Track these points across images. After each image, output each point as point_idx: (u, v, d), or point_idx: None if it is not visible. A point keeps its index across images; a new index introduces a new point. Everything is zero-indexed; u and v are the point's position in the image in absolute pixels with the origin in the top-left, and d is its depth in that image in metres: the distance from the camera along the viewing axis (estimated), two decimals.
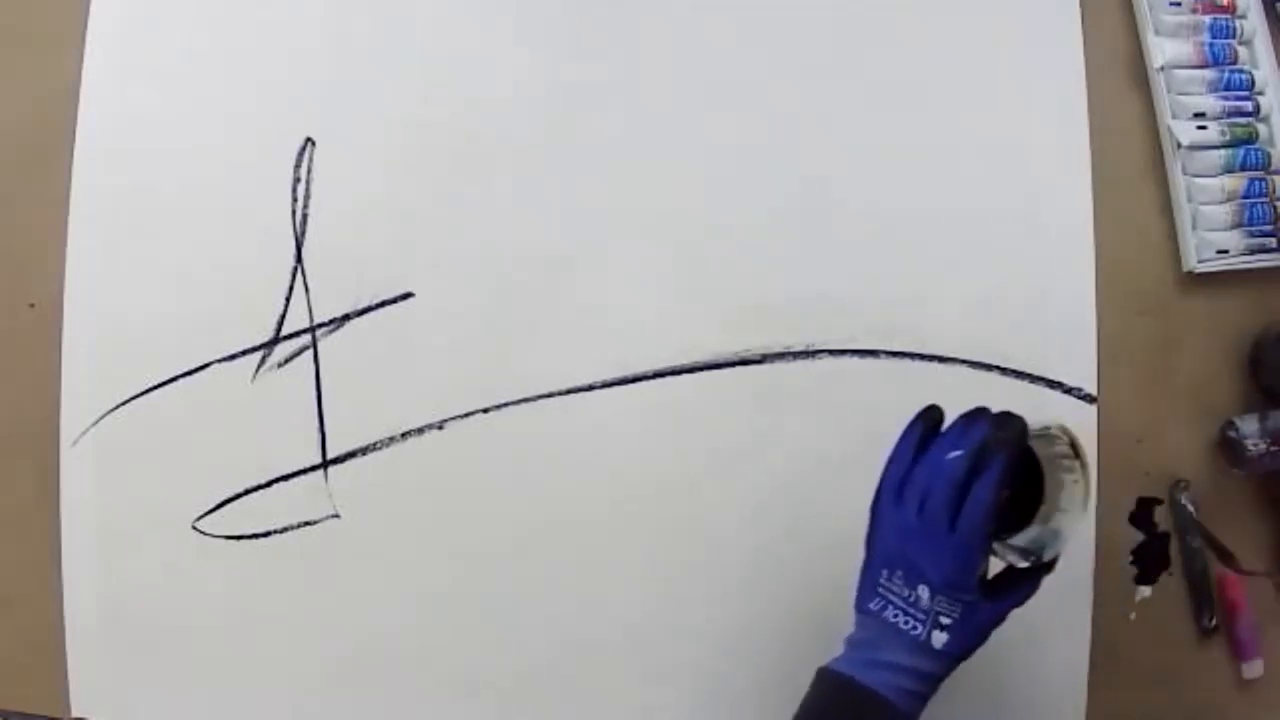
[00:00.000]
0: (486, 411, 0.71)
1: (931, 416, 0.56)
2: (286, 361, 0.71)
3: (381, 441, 0.70)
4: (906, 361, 0.72)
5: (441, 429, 0.71)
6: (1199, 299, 0.75)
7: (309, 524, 0.71)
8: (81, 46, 0.71)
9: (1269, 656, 0.75)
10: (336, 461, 0.70)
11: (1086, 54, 0.74)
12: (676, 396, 0.71)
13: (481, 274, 0.71)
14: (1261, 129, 0.75)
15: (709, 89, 0.73)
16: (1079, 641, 0.72)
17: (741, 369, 0.71)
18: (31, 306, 0.71)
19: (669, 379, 0.71)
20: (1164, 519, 0.75)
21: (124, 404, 0.70)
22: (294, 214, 0.71)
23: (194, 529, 0.70)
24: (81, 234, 0.71)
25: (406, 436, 0.70)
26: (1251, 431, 0.72)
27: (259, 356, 0.71)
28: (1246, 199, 0.74)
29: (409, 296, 0.71)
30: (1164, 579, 0.75)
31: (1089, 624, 0.72)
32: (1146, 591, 0.74)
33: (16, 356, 0.71)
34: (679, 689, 0.71)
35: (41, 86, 0.72)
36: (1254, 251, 0.74)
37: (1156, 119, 0.75)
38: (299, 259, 0.71)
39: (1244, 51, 0.75)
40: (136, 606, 0.71)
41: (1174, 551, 0.75)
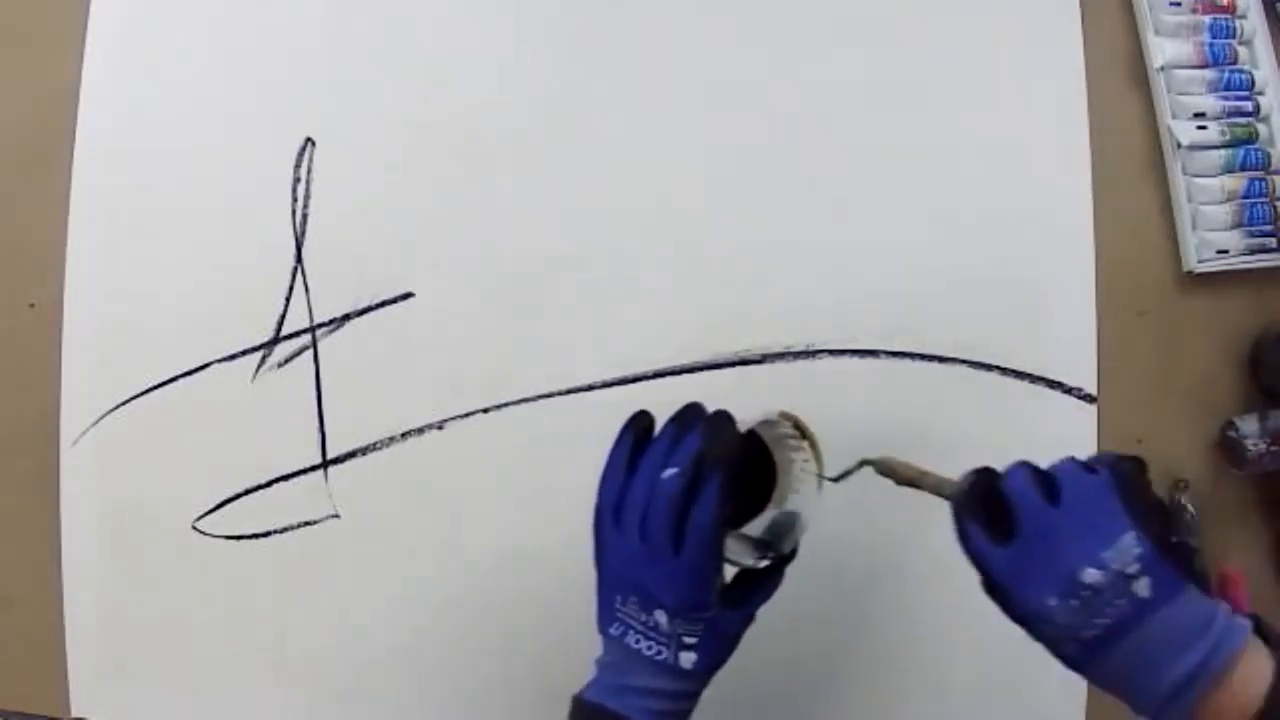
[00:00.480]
0: (486, 411, 0.71)
1: (640, 424, 0.53)
2: (286, 361, 0.71)
3: (381, 441, 0.70)
4: (906, 361, 0.72)
5: (441, 429, 0.71)
6: (1199, 299, 0.75)
7: (309, 524, 0.71)
8: (81, 46, 0.71)
9: None
10: (336, 461, 0.70)
11: (1086, 54, 0.74)
12: (676, 396, 0.71)
13: (481, 274, 0.71)
14: (1261, 129, 0.75)
15: (709, 89, 0.73)
16: None
17: (741, 369, 0.71)
18: (31, 306, 0.71)
19: (669, 379, 0.71)
20: None
21: (124, 404, 0.70)
22: (294, 214, 0.71)
23: (194, 529, 0.70)
24: (81, 234, 0.71)
25: (406, 436, 0.70)
26: (1251, 431, 0.72)
27: (259, 356, 0.71)
28: (1246, 199, 0.74)
29: (409, 296, 0.71)
30: None
31: None
32: None
33: (16, 356, 0.71)
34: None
35: (41, 86, 0.72)
36: (1254, 251, 0.74)
37: (1156, 119, 0.75)
38: (299, 259, 0.71)
39: (1244, 51, 0.75)
40: (136, 606, 0.70)
41: None
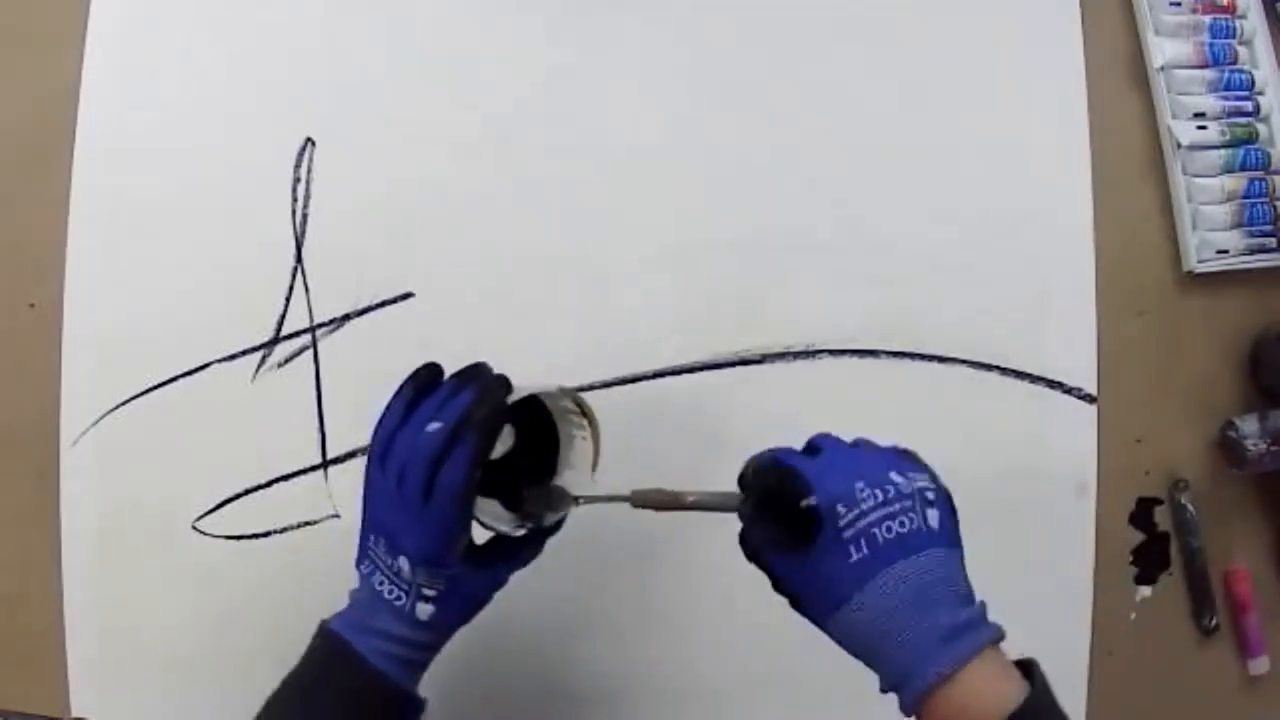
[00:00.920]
0: None
1: (423, 375, 0.54)
2: (286, 361, 0.71)
3: None
4: (906, 361, 0.72)
5: None
6: (1199, 299, 0.75)
7: (309, 524, 0.71)
8: (81, 46, 0.71)
9: (1275, 654, 0.75)
10: (336, 461, 0.70)
11: (1086, 54, 0.74)
12: (676, 396, 0.71)
13: (481, 274, 0.71)
14: (1261, 129, 0.75)
15: (709, 89, 0.73)
16: (1079, 641, 0.72)
17: (741, 369, 0.71)
18: (31, 306, 0.71)
19: (669, 379, 0.71)
20: (1164, 519, 0.75)
21: (124, 404, 0.70)
22: (294, 214, 0.71)
23: (194, 529, 0.70)
24: (81, 234, 0.71)
25: None
26: (1251, 431, 0.72)
27: (259, 356, 0.71)
28: (1246, 199, 0.74)
29: (409, 296, 0.71)
30: (1164, 579, 0.75)
31: (1089, 624, 0.72)
32: (1146, 591, 0.74)
33: (16, 356, 0.71)
34: (683, 688, 0.71)
35: (41, 86, 0.72)
36: (1254, 251, 0.74)
37: (1156, 119, 0.75)
38: (299, 259, 0.71)
39: (1244, 51, 0.76)
40: (136, 606, 0.70)
41: (1174, 551, 0.75)
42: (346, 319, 0.71)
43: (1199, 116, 0.74)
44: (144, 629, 0.71)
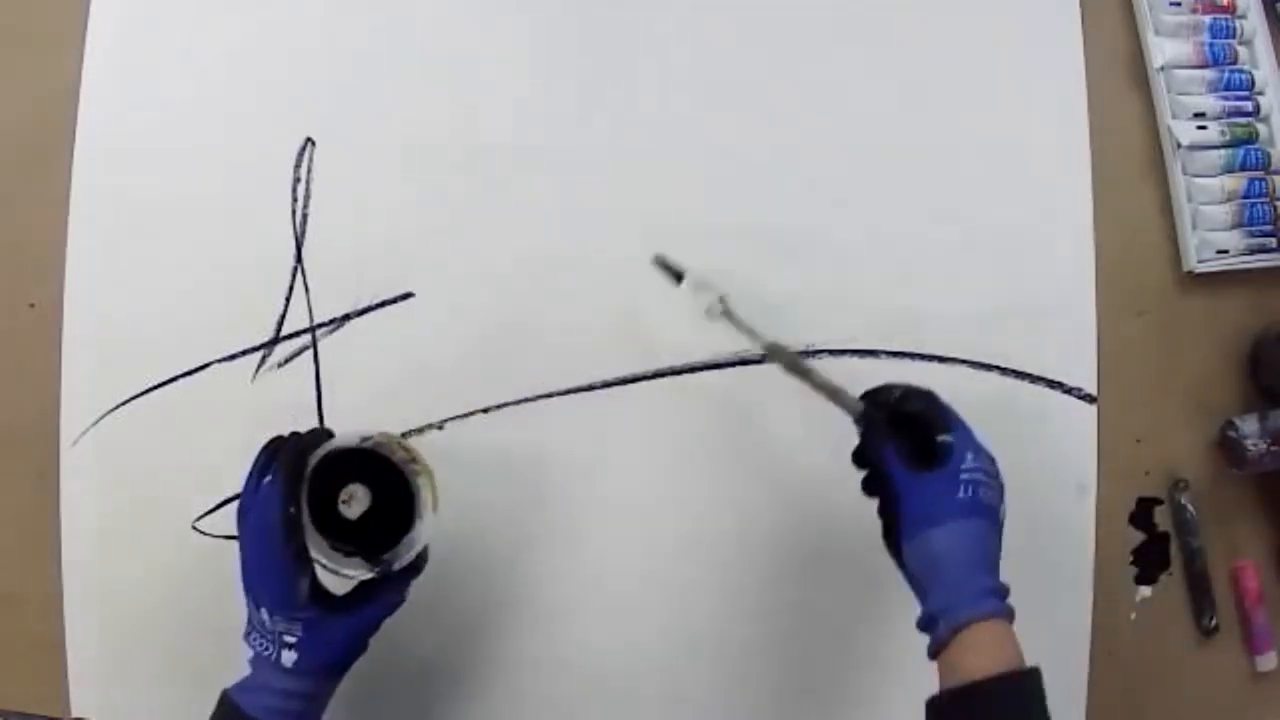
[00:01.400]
0: (486, 411, 0.71)
1: (274, 445, 0.59)
2: (286, 361, 0.71)
3: None
4: (906, 361, 0.72)
5: (441, 429, 0.71)
6: (1199, 299, 0.75)
7: None
8: (81, 46, 0.71)
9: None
10: None
11: (1086, 54, 0.74)
12: (676, 396, 0.71)
13: (481, 274, 0.71)
14: (1261, 129, 0.75)
15: (709, 89, 0.73)
16: (1079, 641, 0.72)
17: (741, 369, 0.71)
18: (31, 306, 0.71)
19: (669, 379, 0.71)
20: (1164, 519, 0.75)
21: (124, 404, 0.70)
22: (294, 214, 0.71)
23: (194, 529, 0.70)
24: (81, 234, 0.71)
25: (407, 436, 0.70)
26: (1251, 431, 0.72)
27: (259, 356, 0.71)
28: (1246, 199, 0.74)
29: (409, 296, 0.71)
30: (1164, 579, 0.75)
31: (1089, 624, 0.72)
32: (1146, 591, 0.74)
33: (16, 356, 0.71)
34: (683, 684, 0.71)
35: (41, 86, 0.72)
36: (1254, 251, 0.74)
37: (1156, 119, 0.75)
38: (299, 259, 0.71)
39: (1244, 51, 0.76)
40: (136, 606, 0.70)
41: (1174, 551, 0.75)
42: (346, 319, 0.71)
43: (1199, 116, 0.74)
44: (144, 629, 0.71)
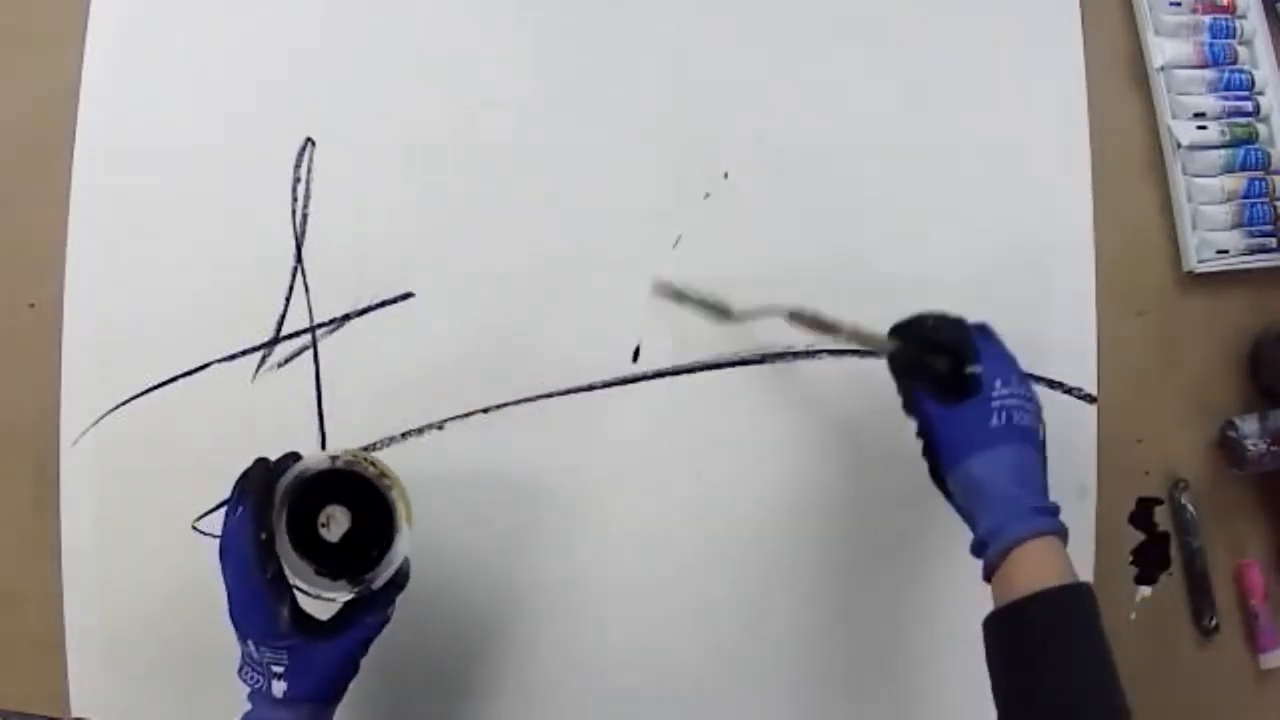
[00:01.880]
0: (486, 411, 0.71)
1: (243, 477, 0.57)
2: (286, 361, 0.71)
3: (381, 441, 0.70)
4: None
5: (441, 429, 0.71)
6: (1199, 299, 0.75)
7: None
8: (81, 46, 0.71)
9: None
10: None
11: (1086, 54, 0.74)
12: (676, 396, 0.71)
13: (481, 274, 0.71)
14: (1261, 129, 0.75)
15: (709, 89, 0.73)
16: None
17: (741, 369, 0.71)
18: (31, 306, 0.71)
19: (669, 379, 0.71)
20: (1164, 519, 0.75)
21: (124, 404, 0.70)
22: (294, 214, 0.71)
23: (194, 529, 0.70)
24: (81, 234, 0.71)
25: (406, 436, 0.70)
26: (1251, 431, 0.72)
27: (259, 356, 0.71)
28: (1246, 199, 0.74)
29: (409, 296, 0.71)
30: (1164, 579, 0.75)
31: None
32: (1146, 591, 0.74)
33: (16, 356, 0.71)
34: (680, 684, 0.71)
35: (41, 86, 0.72)
36: (1254, 251, 0.74)
37: (1156, 119, 0.75)
38: (299, 259, 0.71)
39: (1244, 51, 0.76)
40: (136, 606, 0.70)
41: (1174, 551, 0.75)
42: (346, 319, 0.71)
43: (1199, 116, 0.74)
44: (144, 629, 0.71)
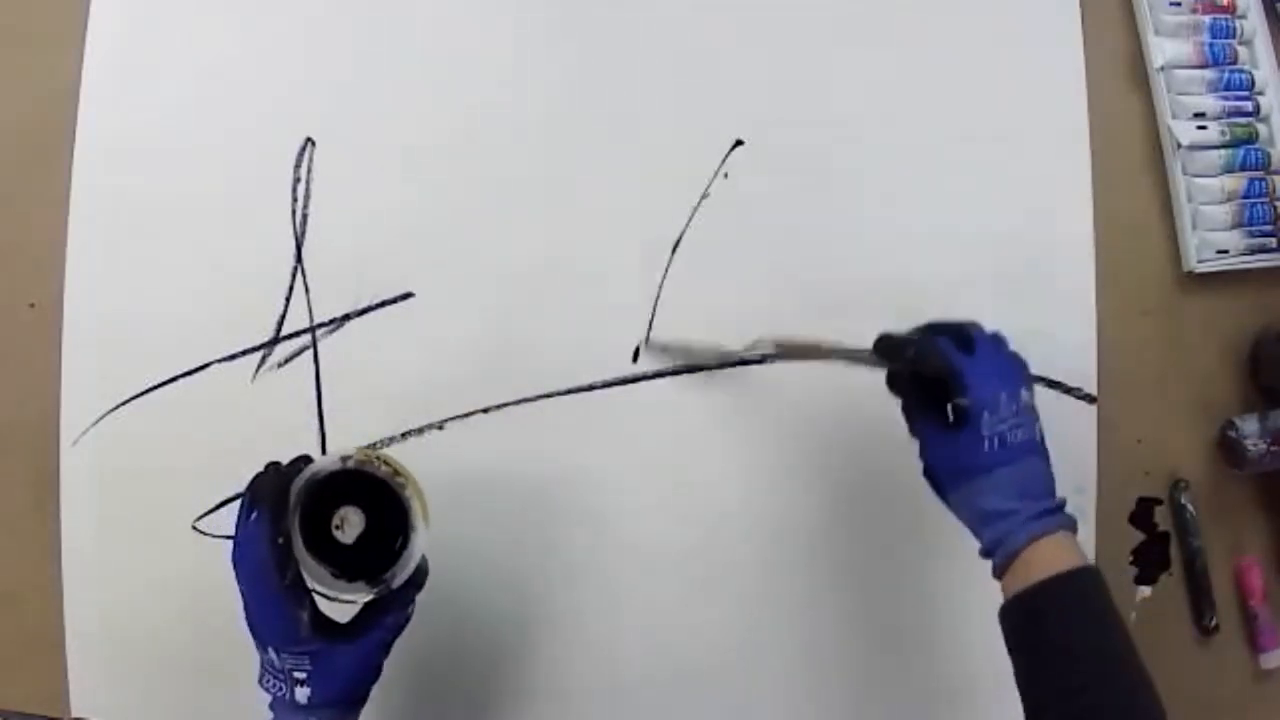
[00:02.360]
0: (486, 411, 0.71)
1: (254, 483, 0.56)
2: (286, 361, 0.71)
3: (381, 441, 0.70)
4: None
5: (441, 429, 0.71)
6: (1199, 299, 0.75)
7: None
8: (81, 46, 0.71)
9: None
10: None
11: (1086, 54, 0.74)
12: (676, 397, 0.71)
13: (481, 274, 0.71)
14: (1261, 129, 0.75)
15: (709, 89, 0.73)
16: None
17: (742, 369, 0.71)
18: (31, 306, 0.71)
19: (669, 379, 0.71)
20: (1164, 519, 0.75)
21: (124, 404, 0.70)
22: (294, 214, 0.71)
23: (194, 529, 0.70)
24: (81, 234, 0.71)
25: (406, 436, 0.70)
26: (1251, 431, 0.72)
27: (259, 356, 0.71)
28: (1246, 199, 0.74)
29: (409, 296, 0.71)
30: (1164, 579, 0.75)
31: None
32: (1146, 591, 0.74)
33: (16, 356, 0.71)
34: (682, 678, 0.71)
35: (41, 86, 0.72)
36: (1254, 251, 0.74)
37: (1156, 119, 0.75)
38: (299, 259, 0.71)
39: (1244, 51, 0.75)
40: (136, 606, 0.70)
41: (1174, 551, 0.75)
42: (346, 319, 0.71)
43: (1199, 116, 0.74)
44: (144, 629, 0.71)
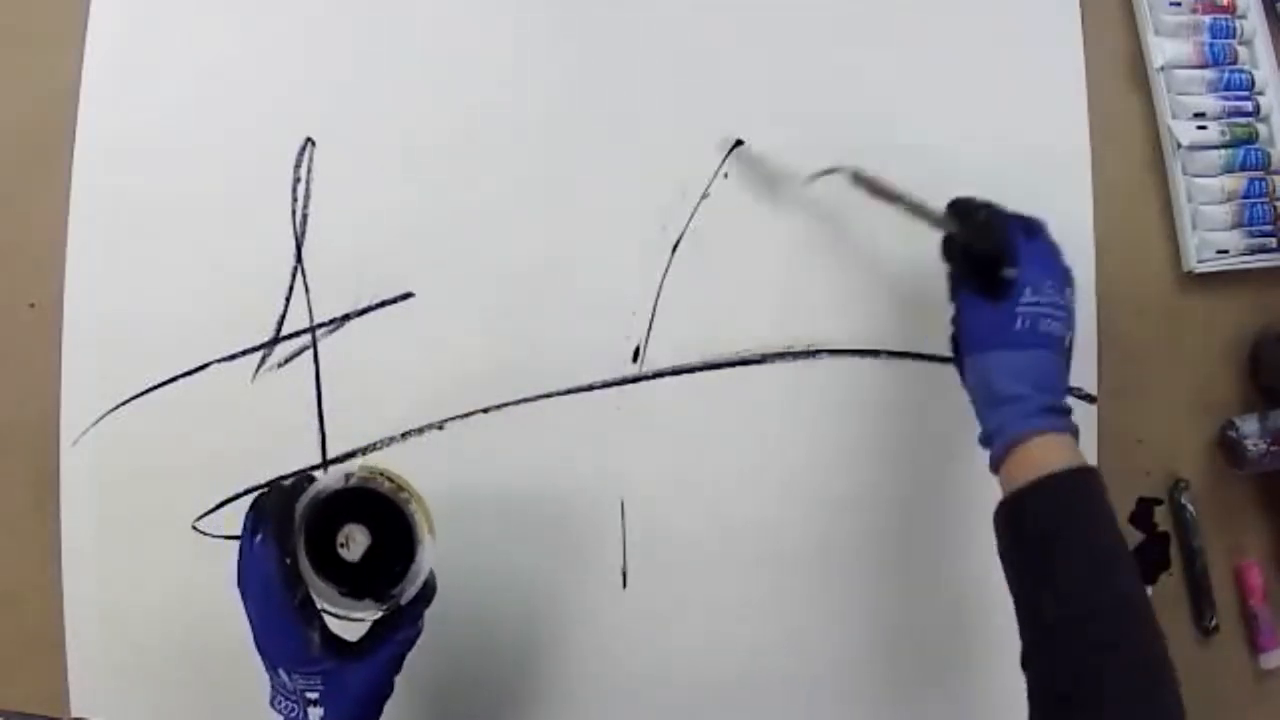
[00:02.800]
0: (486, 411, 0.71)
1: (257, 503, 0.56)
2: (286, 361, 0.71)
3: (381, 441, 0.70)
4: (907, 361, 0.72)
5: (441, 429, 0.71)
6: (1199, 299, 0.75)
7: None
8: (81, 46, 0.71)
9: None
10: (336, 461, 0.70)
11: (1086, 54, 0.74)
12: (676, 397, 0.71)
13: (481, 274, 0.71)
14: (1261, 129, 0.75)
15: (709, 89, 0.73)
16: None
17: (742, 369, 0.71)
18: (31, 306, 0.71)
19: (669, 379, 0.71)
20: (1164, 519, 0.75)
21: (124, 404, 0.70)
22: (294, 214, 0.71)
23: (194, 529, 0.70)
24: (81, 234, 0.71)
25: (406, 436, 0.70)
26: (1251, 431, 0.72)
27: (259, 356, 0.71)
28: (1246, 199, 0.74)
29: (409, 296, 0.71)
30: (1164, 579, 0.75)
31: None
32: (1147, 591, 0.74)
33: (16, 356, 0.71)
34: (685, 678, 0.71)
35: (41, 86, 0.72)
36: (1254, 251, 0.74)
37: (1156, 119, 0.75)
38: (299, 259, 0.71)
39: (1244, 51, 0.75)
40: (136, 606, 0.70)
41: (1174, 551, 0.75)
42: (346, 319, 0.71)
43: (1199, 116, 0.74)
44: (144, 629, 0.71)
